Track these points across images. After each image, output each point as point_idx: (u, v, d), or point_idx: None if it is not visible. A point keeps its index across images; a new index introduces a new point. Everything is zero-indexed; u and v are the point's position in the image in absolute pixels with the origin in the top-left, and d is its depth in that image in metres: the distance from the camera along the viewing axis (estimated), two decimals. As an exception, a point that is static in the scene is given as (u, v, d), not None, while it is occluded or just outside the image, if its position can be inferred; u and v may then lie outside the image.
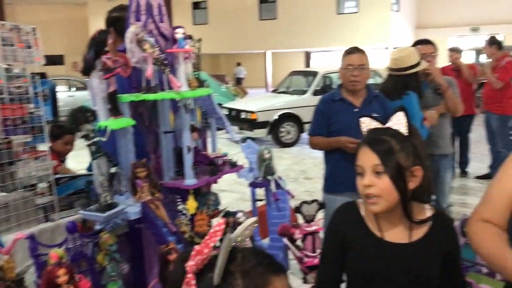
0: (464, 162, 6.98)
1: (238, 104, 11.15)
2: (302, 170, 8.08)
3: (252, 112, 9.98)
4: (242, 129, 9.97)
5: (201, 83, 2.31)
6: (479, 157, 7.64)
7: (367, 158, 1.49)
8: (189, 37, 2.29)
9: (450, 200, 4.44)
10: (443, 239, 1.55)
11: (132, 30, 2.07)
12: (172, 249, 1.82)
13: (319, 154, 10.04)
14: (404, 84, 3.38)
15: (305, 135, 10.90)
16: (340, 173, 3.11)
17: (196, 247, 0.98)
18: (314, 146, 3.30)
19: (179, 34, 2.20)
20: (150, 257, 2.21)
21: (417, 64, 3.41)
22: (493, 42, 6.44)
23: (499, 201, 1.32)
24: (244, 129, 9.93)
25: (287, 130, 10.20)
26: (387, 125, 1.59)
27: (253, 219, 1.12)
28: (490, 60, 6.47)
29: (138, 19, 2.21)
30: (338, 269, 1.63)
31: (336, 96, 3.20)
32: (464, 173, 6.98)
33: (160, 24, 2.28)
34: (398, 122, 1.60)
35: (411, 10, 22.77)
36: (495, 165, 6.51)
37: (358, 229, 1.58)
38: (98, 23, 10.07)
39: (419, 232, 1.54)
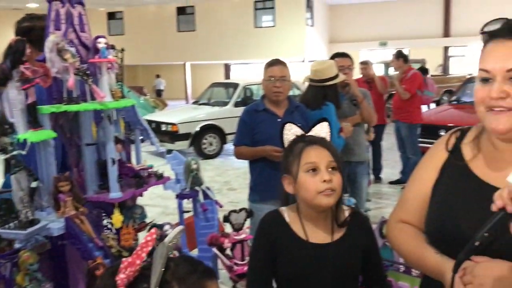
0: (377, 168, 7.36)
1: (158, 116, 10.99)
2: (225, 181, 8.12)
3: (173, 124, 9.87)
4: (162, 142, 9.81)
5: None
6: (391, 164, 8.11)
7: (322, 155, 1.57)
8: (112, 47, 2.25)
9: (367, 205, 4.69)
10: (361, 235, 1.67)
11: (52, 39, 2.00)
12: (99, 264, 1.76)
13: (242, 165, 10.14)
14: (323, 94, 3.53)
15: (227, 147, 10.97)
16: (265, 182, 3.17)
17: (126, 259, 0.97)
18: (239, 156, 3.35)
19: (101, 43, 2.15)
20: (74, 274, 2.12)
21: (336, 76, 3.59)
22: (400, 55, 6.90)
23: (414, 202, 1.39)
24: (165, 142, 9.79)
25: (209, 142, 10.20)
26: (310, 133, 1.70)
27: (181, 227, 1.13)
28: (398, 72, 6.94)
29: (58, 28, 2.13)
30: (268, 276, 1.67)
31: (259, 106, 3.28)
32: (378, 179, 7.37)
33: (81, 33, 2.22)
34: (322, 130, 1.71)
35: (325, 25, 23.82)
36: (406, 170, 6.97)
37: (284, 235, 1.63)
38: (5, 33, 9.52)
39: (340, 231, 1.64)
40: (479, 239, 1.03)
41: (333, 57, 4.14)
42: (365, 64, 7.09)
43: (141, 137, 2.55)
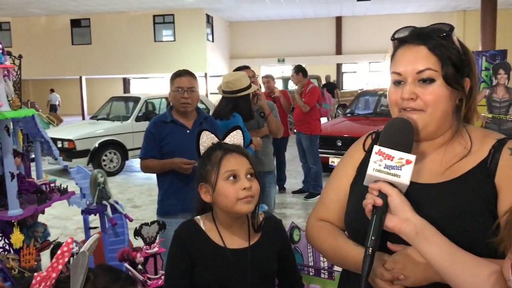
0: (282, 179, 7.57)
1: (53, 132, 10.32)
2: (128, 198, 7.84)
3: (70, 141, 9.35)
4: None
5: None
6: (294, 174, 8.39)
7: (241, 163, 1.57)
8: (8, 53, 2.10)
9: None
10: (276, 238, 1.70)
11: None
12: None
13: (146, 181, 9.87)
14: (235, 105, 3.57)
15: (129, 163, 10.60)
16: (174, 195, 3.11)
17: (39, 273, 0.91)
18: (146, 169, 3.24)
19: (-4, 49, 1.99)
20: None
21: (248, 87, 3.65)
22: (300, 70, 7.18)
23: (333, 201, 1.44)
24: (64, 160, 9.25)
25: (110, 158, 9.80)
26: (225, 141, 1.70)
27: (96, 235, 1.09)
28: (297, 86, 7.23)
29: None
30: (186, 286, 1.62)
31: (167, 118, 3.21)
32: (282, 189, 7.57)
33: (-28, 37, 2.04)
34: (236, 138, 1.72)
35: (225, 41, 24.19)
36: (307, 179, 7.27)
37: (202, 243, 1.61)
38: None
39: (256, 236, 1.66)
40: (370, 245, 1.09)
41: (236, 70, 4.22)
42: (267, 78, 7.30)
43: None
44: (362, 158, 1.42)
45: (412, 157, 1.12)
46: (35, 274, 0.91)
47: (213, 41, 22.37)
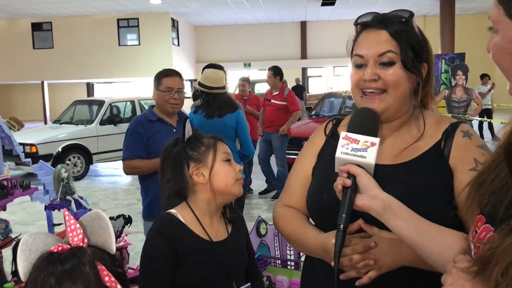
0: (248, 180, 7.59)
1: (14, 137, 10.05)
2: (93, 202, 7.69)
3: (32, 145, 9.11)
4: (19, 164, 9.00)
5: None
6: (261, 176, 8.42)
7: (229, 151, 1.65)
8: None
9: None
10: (243, 227, 1.75)
11: None
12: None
13: (110, 185, 9.72)
14: (209, 101, 3.65)
15: (93, 167, 10.40)
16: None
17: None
18: (132, 170, 3.07)
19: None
20: None
21: (223, 88, 3.73)
22: (278, 73, 7.10)
23: (296, 186, 1.48)
24: (23, 164, 8.99)
25: (74, 163, 9.60)
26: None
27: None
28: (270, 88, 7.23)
29: None
30: (167, 284, 1.54)
31: (152, 116, 3.12)
32: (250, 191, 7.59)
33: None
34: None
35: (191, 46, 24.10)
36: (269, 179, 7.48)
37: (187, 239, 1.55)
38: None
39: (229, 226, 1.68)
40: (341, 222, 1.14)
41: (207, 67, 4.26)
42: (244, 82, 7.34)
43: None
44: (323, 143, 1.47)
45: (376, 140, 1.18)
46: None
47: (178, 45, 22.26)
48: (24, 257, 1.01)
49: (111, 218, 2.23)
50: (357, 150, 1.18)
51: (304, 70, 25.24)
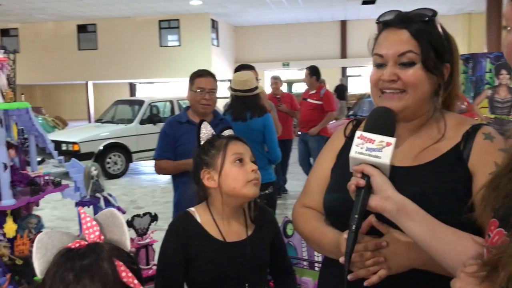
0: (283, 180, 7.54)
1: (58, 135, 10.43)
2: (132, 200, 7.89)
3: (74, 143, 9.43)
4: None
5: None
6: (296, 176, 8.39)
7: (245, 149, 1.61)
8: (3, 47, 2.15)
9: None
10: (269, 228, 1.72)
11: None
12: (-12, 273, 1.64)
13: (149, 183, 9.92)
14: (249, 103, 3.60)
15: (133, 165, 10.65)
16: (190, 198, 3.10)
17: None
18: (160, 170, 3.18)
19: (-10, 43, 2.04)
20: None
21: (256, 88, 3.69)
22: (315, 73, 7.05)
23: (315, 187, 1.47)
24: (66, 162, 9.30)
25: (114, 161, 9.86)
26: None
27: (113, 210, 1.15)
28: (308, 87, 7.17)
29: None
30: (179, 280, 1.60)
31: (182, 118, 3.16)
32: (284, 191, 7.55)
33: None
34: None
35: (230, 46, 24.27)
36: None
37: (199, 238, 1.58)
38: None
39: (251, 226, 1.66)
40: (353, 222, 1.12)
41: (239, 68, 4.26)
42: (276, 80, 7.32)
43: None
44: (343, 144, 1.45)
45: (392, 140, 1.15)
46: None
47: (218, 45, 22.46)
48: (40, 254, 1.02)
49: (137, 216, 2.28)
50: (372, 150, 1.15)
51: (343, 69, 24.94)
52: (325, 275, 1.45)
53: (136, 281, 1.03)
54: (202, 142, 1.67)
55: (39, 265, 1.02)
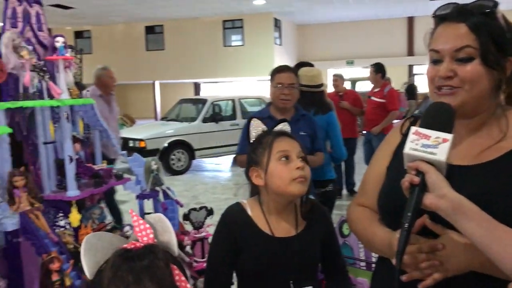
0: (351, 183, 7.34)
1: (125, 132, 10.86)
2: (193, 195, 8.08)
3: (141, 140, 9.80)
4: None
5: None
6: (358, 177, 8.21)
7: (293, 145, 1.60)
8: (70, 46, 2.27)
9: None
10: (321, 226, 1.69)
11: (7, 35, 2.00)
12: (54, 258, 1.75)
13: (210, 180, 10.08)
14: (316, 98, 3.60)
15: (196, 162, 10.90)
16: None
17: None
18: (240, 164, 3.26)
19: (59, 42, 2.16)
20: (29, 272, 2.08)
21: (321, 85, 3.69)
22: (380, 70, 6.88)
23: (371, 185, 1.43)
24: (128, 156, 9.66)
25: (178, 158, 10.15)
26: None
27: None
28: (372, 85, 7.01)
29: (14, 26, 2.14)
30: (228, 270, 1.63)
31: (264, 114, 3.21)
32: (353, 193, 7.36)
33: (38, 32, 2.22)
34: (284, 129, 1.75)
35: (293, 44, 24.20)
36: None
37: (248, 230, 1.61)
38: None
39: (302, 223, 1.65)
40: (406, 221, 1.08)
41: (298, 66, 4.23)
42: (337, 77, 7.21)
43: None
44: (399, 141, 1.41)
45: (449, 136, 1.10)
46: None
47: (281, 44, 22.48)
48: (89, 256, 1.02)
49: (194, 209, 2.34)
50: (427, 147, 1.11)
51: (410, 67, 24.15)
52: (378, 275, 1.43)
53: (189, 286, 1.04)
54: (252, 140, 1.69)
55: (89, 267, 1.02)
